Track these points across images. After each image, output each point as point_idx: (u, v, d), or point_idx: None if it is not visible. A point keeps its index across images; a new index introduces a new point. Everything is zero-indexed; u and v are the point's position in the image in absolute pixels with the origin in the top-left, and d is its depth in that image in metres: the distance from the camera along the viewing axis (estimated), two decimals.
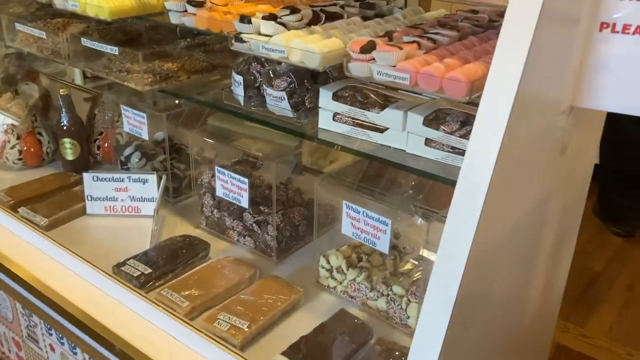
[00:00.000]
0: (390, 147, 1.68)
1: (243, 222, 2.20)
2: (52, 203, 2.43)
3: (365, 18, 1.96)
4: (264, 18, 1.75)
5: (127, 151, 2.66)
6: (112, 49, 2.20)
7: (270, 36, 1.73)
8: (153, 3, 2.19)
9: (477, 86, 1.37)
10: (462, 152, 1.48)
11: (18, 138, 2.74)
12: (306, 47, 1.62)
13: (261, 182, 2.34)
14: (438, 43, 1.60)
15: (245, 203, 2.11)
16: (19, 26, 2.56)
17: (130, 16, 2.17)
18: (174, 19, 2.05)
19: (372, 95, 1.72)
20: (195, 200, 2.46)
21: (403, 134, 1.66)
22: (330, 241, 2.12)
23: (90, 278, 2.03)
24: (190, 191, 2.56)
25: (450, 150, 1.58)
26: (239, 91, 2.03)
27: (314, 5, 1.95)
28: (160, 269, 2.02)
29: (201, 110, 2.50)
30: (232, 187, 2.13)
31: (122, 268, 2.01)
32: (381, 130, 1.69)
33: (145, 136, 2.45)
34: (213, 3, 2.01)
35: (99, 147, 2.82)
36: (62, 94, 2.63)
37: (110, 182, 2.39)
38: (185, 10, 2.02)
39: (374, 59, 1.52)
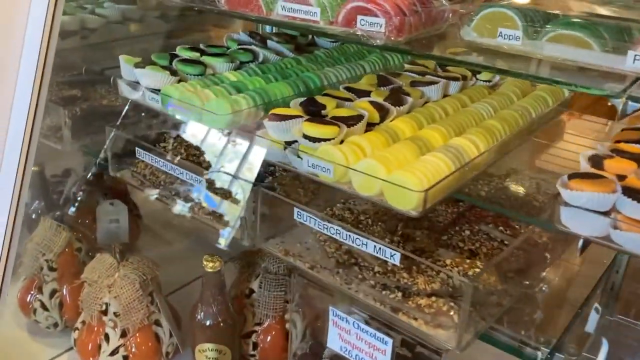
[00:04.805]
0: None
1: None
2: None
3: None
4: None
5: None
6: (391, 255, 1.06)
7: None
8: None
9: None
10: None
11: (123, 336, 1.57)
12: None
13: None
14: None
15: None
16: (145, 156, 1.41)
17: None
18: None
19: None
20: None
21: None
22: None
23: None
24: None
25: None
26: None
27: None
28: None
29: None
30: None
31: None
32: None
33: None
34: None
35: (255, 345, 1.65)
36: (210, 269, 1.48)
37: None
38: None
39: None
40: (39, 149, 1.63)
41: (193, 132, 1.51)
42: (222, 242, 1.42)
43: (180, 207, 1.44)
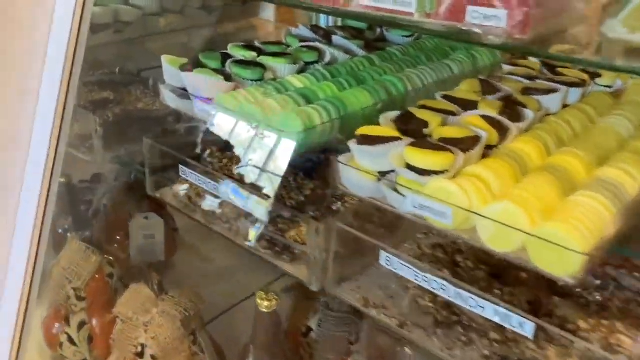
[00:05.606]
0: None
1: None
2: None
3: None
4: None
5: None
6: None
7: None
8: None
9: None
10: None
11: None
12: None
13: None
14: None
15: None
16: (191, 175, 1.18)
17: None
18: None
19: None
20: None
21: None
22: None
23: None
24: None
25: None
26: None
27: None
28: None
29: None
30: None
31: None
32: None
33: None
34: None
35: None
36: (265, 309, 1.24)
37: None
38: None
39: None
40: (66, 158, 1.42)
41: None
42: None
43: (232, 237, 1.21)
